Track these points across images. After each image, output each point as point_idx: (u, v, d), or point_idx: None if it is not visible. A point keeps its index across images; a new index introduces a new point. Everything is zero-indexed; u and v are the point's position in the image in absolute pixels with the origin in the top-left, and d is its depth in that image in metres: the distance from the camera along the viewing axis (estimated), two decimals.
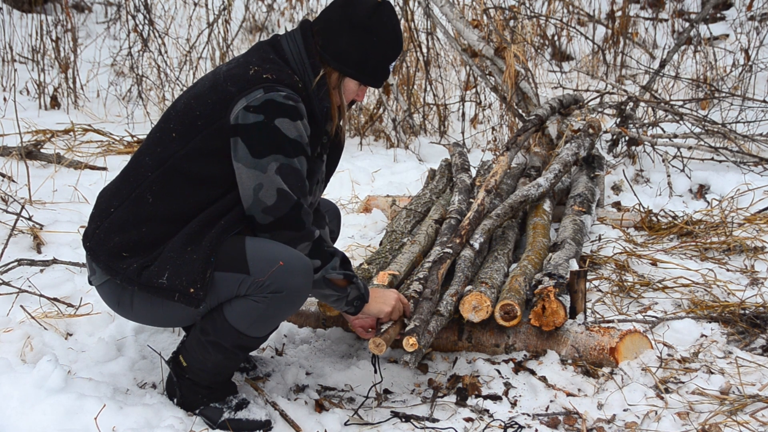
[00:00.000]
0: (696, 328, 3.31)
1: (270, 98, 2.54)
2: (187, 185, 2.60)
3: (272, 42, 2.71)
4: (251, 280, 2.53)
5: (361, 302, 2.78)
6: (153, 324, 2.78)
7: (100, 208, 2.68)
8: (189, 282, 2.51)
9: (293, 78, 2.61)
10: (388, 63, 2.70)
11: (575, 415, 2.83)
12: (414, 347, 2.75)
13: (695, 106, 6.44)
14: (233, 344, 2.64)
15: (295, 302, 2.60)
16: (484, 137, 6.44)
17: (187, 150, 2.59)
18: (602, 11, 8.70)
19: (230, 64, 2.70)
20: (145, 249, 2.57)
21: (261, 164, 2.53)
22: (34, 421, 2.57)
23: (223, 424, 2.73)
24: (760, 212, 4.49)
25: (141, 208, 2.60)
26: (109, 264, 2.58)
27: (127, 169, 2.71)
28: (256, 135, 2.53)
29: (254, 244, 2.57)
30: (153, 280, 2.53)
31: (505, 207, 3.81)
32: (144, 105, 6.85)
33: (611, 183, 5.21)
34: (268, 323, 2.63)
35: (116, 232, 2.60)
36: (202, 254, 2.52)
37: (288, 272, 2.53)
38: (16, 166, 5.11)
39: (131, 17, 7.29)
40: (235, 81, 2.59)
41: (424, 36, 6.74)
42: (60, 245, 4.11)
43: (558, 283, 3.19)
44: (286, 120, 2.54)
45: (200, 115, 2.59)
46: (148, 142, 2.71)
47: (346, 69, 2.67)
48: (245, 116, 2.53)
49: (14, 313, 3.38)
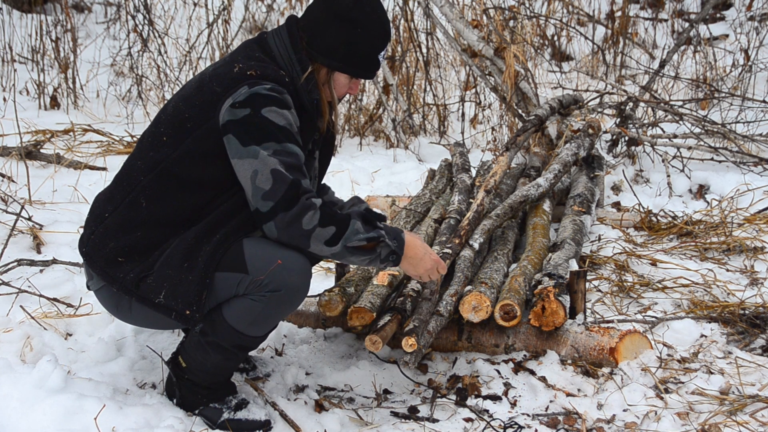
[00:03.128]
0: (696, 329, 3.31)
1: (254, 92, 2.53)
2: (180, 188, 2.59)
3: (258, 40, 2.70)
4: (250, 279, 2.53)
5: (396, 257, 2.61)
6: (152, 327, 2.78)
7: (95, 213, 2.68)
8: (185, 304, 2.51)
9: (279, 73, 2.60)
10: (376, 53, 2.67)
11: (575, 415, 2.83)
12: (413, 348, 2.75)
13: (695, 106, 6.44)
14: (232, 344, 2.64)
15: (294, 301, 2.59)
16: (483, 137, 6.44)
17: (178, 153, 2.59)
18: (602, 11, 8.69)
19: (216, 64, 2.70)
20: (140, 254, 2.57)
21: (253, 151, 2.49)
22: (34, 421, 2.57)
23: (222, 424, 2.73)
24: (760, 212, 4.49)
25: (135, 213, 2.59)
26: (105, 270, 2.58)
27: (120, 174, 2.70)
28: (245, 127, 2.51)
29: (252, 243, 2.57)
30: (150, 296, 2.53)
31: (504, 207, 3.81)
32: (144, 105, 6.84)
33: (611, 183, 5.21)
34: (267, 322, 2.63)
35: (111, 237, 2.59)
36: (198, 275, 2.52)
37: (286, 271, 2.53)
38: (15, 167, 5.11)
39: (131, 17, 7.29)
40: (220, 81, 2.58)
41: (424, 36, 6.74)
42: (60, 245, 4.11)
43: (558, 283, 3.19)
44: (273, 108, 2.52)
45: (189, 117, 2.59)
46: (140, 146, 2.70)
47: (334, 63, 2.65)
48: (233, 113, 2.52)
49: (14, 314, 3.38)
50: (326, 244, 2.52)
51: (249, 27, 8.69)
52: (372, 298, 3.16)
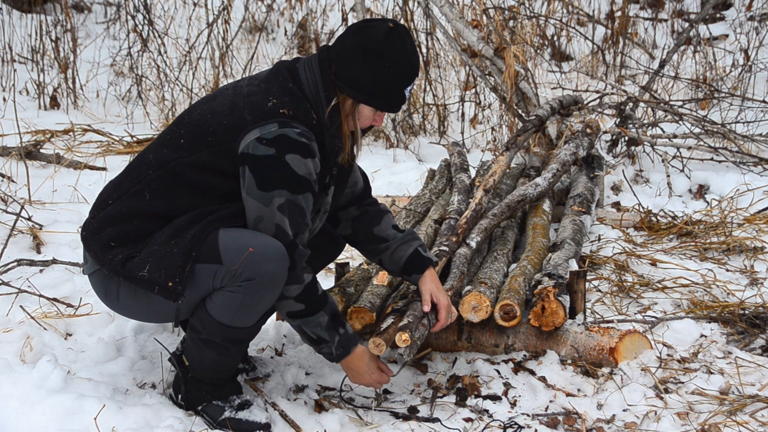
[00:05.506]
0: (695, 329, 3.31)
1: (284, 133, 2.56)
2: (186, 190, 2.63)
3: (291, 68, 2.70)
4: (224, 270, 2.54)
5: (331, 359, 2.77)
6: (138, 318, 2.79)
7: (100, 199, 2.73)
8: (168, 275, 2.52)
9: (310, 114, 2.63)
10: (402, 88, 2.67)
11: (575, 415, 2.83)
12: (407, 343, 2.75)
13: (695, 106, 6.44)
14: (223, 339, 2.65)
15: (271, 288, 2.58)
16: (483, 137, 6.45)
17: (191, 159, 2.63)
18: (602, 11, 8.69)
19: (252, 85, 2.69)
20: (132, 241, 2.61)
21: (265, 197, 2.55)
22: (34, 421, 2.57)
23: (223, 422, 2.74)
24: (760, 212, 4.49)
25: (136, 203, 2.63)
26: (98, 254, 2.62)
27: (132, 164, 2.76)
28: (264, 167, 2.55)
29: (226, 233, 2.58)
30: (135, 271, 2.55)
31: (502, 206, 3.81)
32: (143, 105, 6.85)
33: (611, 183, 5.21)
34: (251, 312, 2.62)
35: (109, 223, 2.64)
36: (183, 248, 2.54)
37: (259, 258, 2.53)
38: (15, 167, 5.11)
39: (131, 17, 7.29)
40: (252, 110, 2.60)
41: (424, 36, 6.75)
42: (59, 245, 4.11)
43: (557, 283, 3.19)
44: (297, 156, 2.56)
45: (212, 132, 2.62)
46: (158, 141, 2.75)
47: (360, 95, 2.66)
48: (256, 147, 2.55)
49: (14, 314, 3.38)
50: (288, 314, 2.68)
51: (249, 27, 8.70)
52: (372, 298, 3.16)
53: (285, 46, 8.32)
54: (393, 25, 2.62)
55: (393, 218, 3.04)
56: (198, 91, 7.01)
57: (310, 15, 8.18)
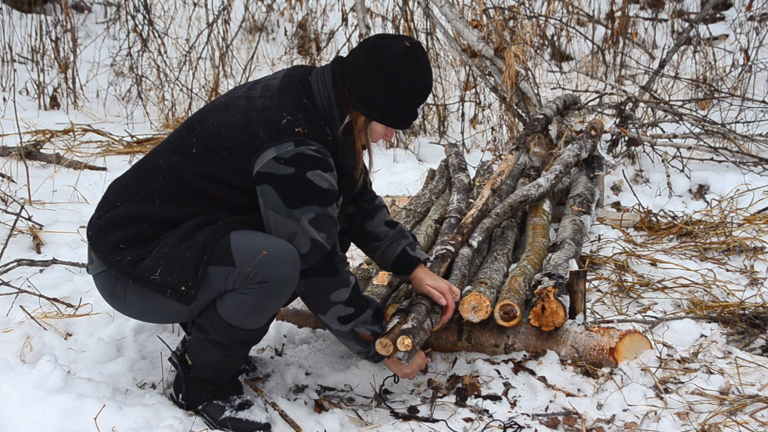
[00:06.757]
0: (695, 329, 3.31)
1: (300, 152, 2.57)
2: (196, 198, 2.64)
3: (304, 81, 2.70)
4: (237, 273, 2.54)
5: (381, 359, 2.84)
6: (145, 319, 2.79)
7: (108, 199, 2.72)
8: (181, 279, 2.53)
9: (325, 131, 2.63)
10: (415, 107, 2.69)
11: (575, 415, 2.83)
12: (408, 348, 2.75)
13: (695, 106, 6.44)
14: (231, 340, 2.65)
15: (284, 291, 2.59)
16: (483, 137, 6.45)
17: (203, 170, 2.63)
18: (602, 11, 8.69)
19: (264, 97, 2.67)
20: (142, 243, 2.61)
21: (295, 214, 2.57)
22: (34, 421, 2.57)
23: (223, 421, 2.74)
24: (760, 212, 4.49)
25: (146, 208, 2.64)
26: (105, 255, 2.62)
27: (140, 166, 2.74)
28: (288, 186, 2.56)
29: (238, 236, 2.59)
30: (146, 274, 2.55)
31: (504, 206, 3.81)
32: (143, 105, 6.85)
33: (611, 183, 5.21)
34: (261, 315, 2.63)
35: (117, 225, 2.63)
36: (195, 251, 2.54)
37: (273, 261, 2.54)
38: (15, 167, 5.11)
39: (131, 17, 7.29)
40: (267, 127, 2.59)
41: (424, 36, 6.74)
42: (59, 245, 4.11)
43: (557, 283, 3.19)
44: (318, 172, 2.58)
45: (227, 147, 2.62)
46: (167, 146, 2.73)
47: (373, 113, 2.67)
48: (275, 167, 2.56)
49: (14, 314, 3.38)
50: (339, 320, 2.72)
51: (249, 27, 8.69)
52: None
53: (285, 46, 8.33)
54: (409, 45, 2.63)
55: (387, 214, 3.05)
56: (198, 91, 7.01)
57: (310, 15, 8.18)
